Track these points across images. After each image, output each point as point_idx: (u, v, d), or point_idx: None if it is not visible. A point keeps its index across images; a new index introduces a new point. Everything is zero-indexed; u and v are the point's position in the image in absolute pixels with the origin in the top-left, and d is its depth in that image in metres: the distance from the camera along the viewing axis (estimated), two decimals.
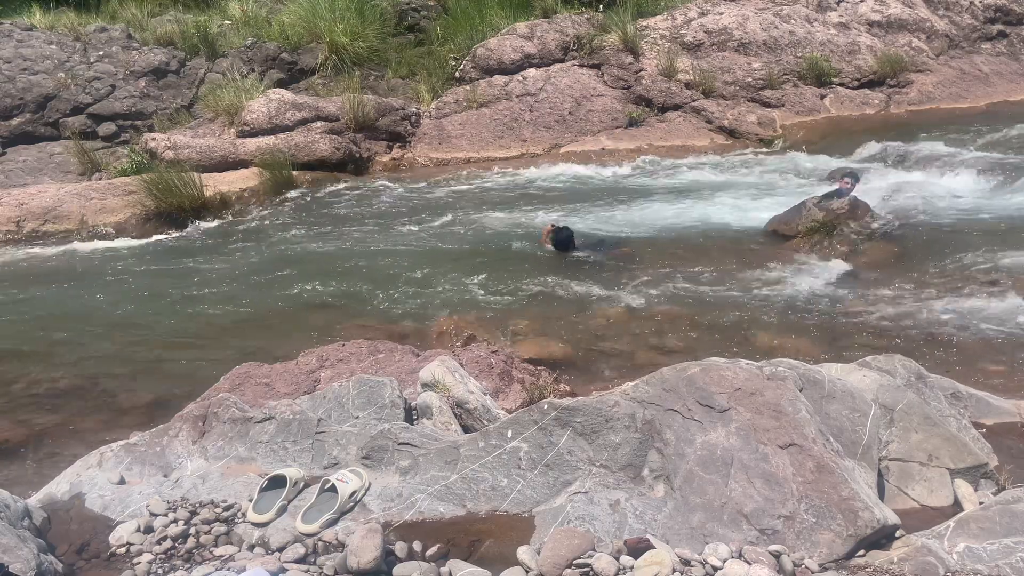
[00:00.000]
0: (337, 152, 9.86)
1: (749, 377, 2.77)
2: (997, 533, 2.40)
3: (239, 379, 4.13)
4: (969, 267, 5.98)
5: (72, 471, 3.09)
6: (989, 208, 7.33)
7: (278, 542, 2.56)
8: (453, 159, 10.38)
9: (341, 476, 2.71)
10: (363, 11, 12.03)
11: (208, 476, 2.93)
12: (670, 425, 2.69)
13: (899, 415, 3.00)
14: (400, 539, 2.50)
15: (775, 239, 6.92)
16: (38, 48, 10.78)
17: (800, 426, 2.60)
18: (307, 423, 3.10)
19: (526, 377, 4.26)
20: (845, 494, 2.42)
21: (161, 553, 2.55)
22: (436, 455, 2.82)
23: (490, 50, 11.80)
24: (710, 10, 12.81)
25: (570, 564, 2.30)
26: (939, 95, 12.17)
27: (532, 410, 2.86)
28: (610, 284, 6.07)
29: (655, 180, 9.24)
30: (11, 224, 7.95)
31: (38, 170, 9.69)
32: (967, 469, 2.88)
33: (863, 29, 13.10)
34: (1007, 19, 14.15)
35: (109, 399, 4.60)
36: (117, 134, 10.52)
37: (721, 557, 2.32)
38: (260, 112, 10.01)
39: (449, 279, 6.31)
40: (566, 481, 2.67)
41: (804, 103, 11.51)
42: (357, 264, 6.77)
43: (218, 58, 11.51)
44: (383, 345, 4.50)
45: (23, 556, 2.29)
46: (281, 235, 7.83)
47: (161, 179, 8.27)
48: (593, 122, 10.94)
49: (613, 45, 11.92)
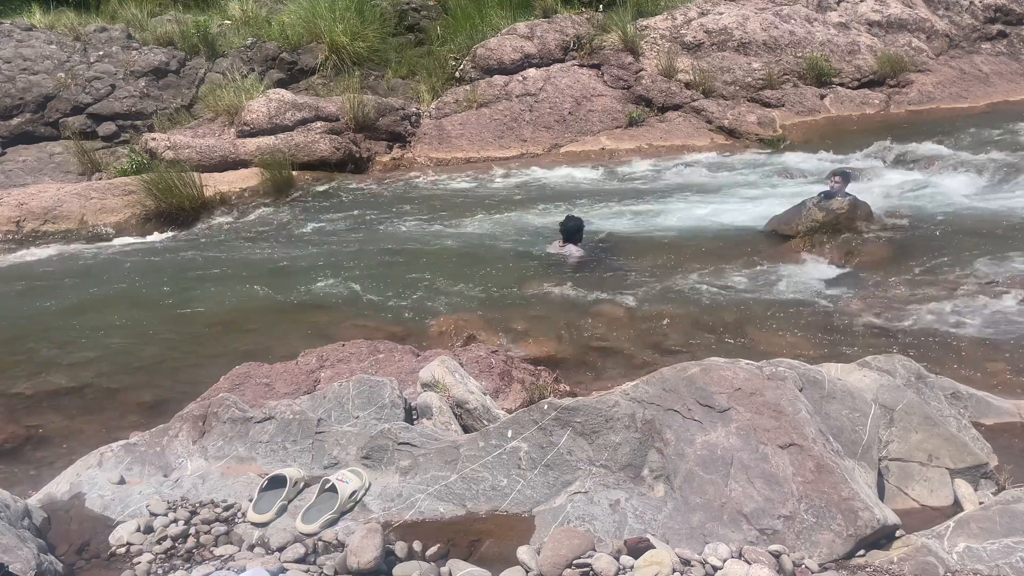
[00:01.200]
0: (337, 152, 9.86)
1: (749, 377, 2.77)
2: (997, 533, 2.40)
3: (239, 379, 4.13)
4: (969, 267, 5.98)
5: (72, 471, 3.09)
6: (989, 208, 7.33)
7: (278, 542, 2.56)
8: (453, 159, 10.38)
9: (341, 476, 2.71)
10: (363, 11, 12.03)
11: (208, 476, 2.93)
12: (670, 425, 2.69)
13: (899, 415, 3.00)
14: (400, 539, 2.50)
15: (775, 239, 6.92)
16: (38, 48, 10.78)
17: (800, 426, 2.60)
18: (307, 423, 3.10)
19: (526, 377, 4.26)
20: (845, 494, 2.42)
21: (161, 553, 2.55)
22: (436, 455, 2.82)
23: (490, 50, 11.80)
24: (710, 10, 12.81)
25: (570, 564, 2.30)
26: (939, 95, 12.17)
27: (532, 410, 2.86)
28: (610, 284, 6.07)
29: (655, 180, 9.24)
30: (11, 224, 7.95)
31: (38, 170, 9.70)
32: (967, 469, 2.88)
33: (863, 29, 13.11)
34: (1007, 19, 14.16)
35: (109, 399, 4.59)
36: (117, 134, 10.52)
37: (721, 557, 2.32)
38: (260, 112, 10.01)
39: (449, 279, 6.30)
40: (566, 481, 2.67)
41: (804, 103, 11.51)
42: (357, 264, 6.77)
43: (218, 58, 11.52)
44: (383, 345, 4.50)
45: (23, 556, 2.29)
46: (281, 235, 7.83)
47: (161, 179, 8.27)
48: (593, 122, 10.94)
49: (613, 45, 11.92)
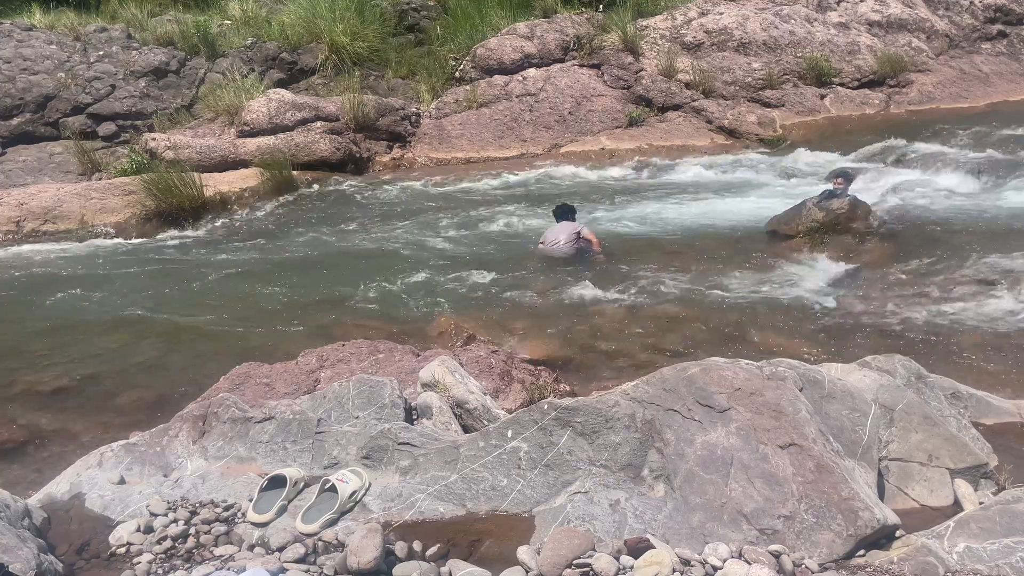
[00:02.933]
0: (337, 152, 9.86)
1: (749, 377, 2.77)
2: (997, 533, 2.40)
3: (239, 379, 4.13)
4: (969, 267, 5.98)
5: (72, 471, 3.08)
6: (989, 208, 7.33)
7: (278, 542, 2.56)
8: (453, 159, 10.38)
9: (341, 476, 2.71)
10: (363, 11, 12.03)
11: (208, 476, 2.93)
12: (670, 425, 2.69)
13: (899, 415, 3.00)
14: (400, 539, 2.50)
15: (775, 239, 6.92)
16: (38, 48, 10.78)
17: (800, 426, 2.60)
18: (307, 423, 3.10)
19: (526, 377, 4.26)
20: (845, 494, 2.42)
21: (161, 553, 2.55)
22: (436, 455, 2.82)
23: (490, 50, 11.80)
24: (710, 10, 12.81)
25: (570, 564, 2.30)
26: (939, 95, 12.18)
27: (532, 410, 2.86)
28: (610, 284, 6.07)
29: (655, 180, 9.24)
30: (11, 224, 7.95)
31: (38, 170, 9.70)
32: (967, 469, 2.88)
33: (863, 29, 13.11)
34: (1007, 19, 14.16)
35: (109, 399, 4.60)
36: (117, 134, 10.52)
37: (721, 557, 2.32)
38: (260, 112, 10.01)
39: (449, 279, 6.30)
40: (566, 481, 2.67)
41: (804, 103, 11.51)
42: (357, 264, 6.77)
43: (218, 58, 11.52)
44: (383, 345, 4.50)
45: (23, 556, 2.29)
46: (281, 235, 7.83)
47: (161, 179, 8.27)
48: (593, 122, 10.94)
49: (613, 45, 11.92)
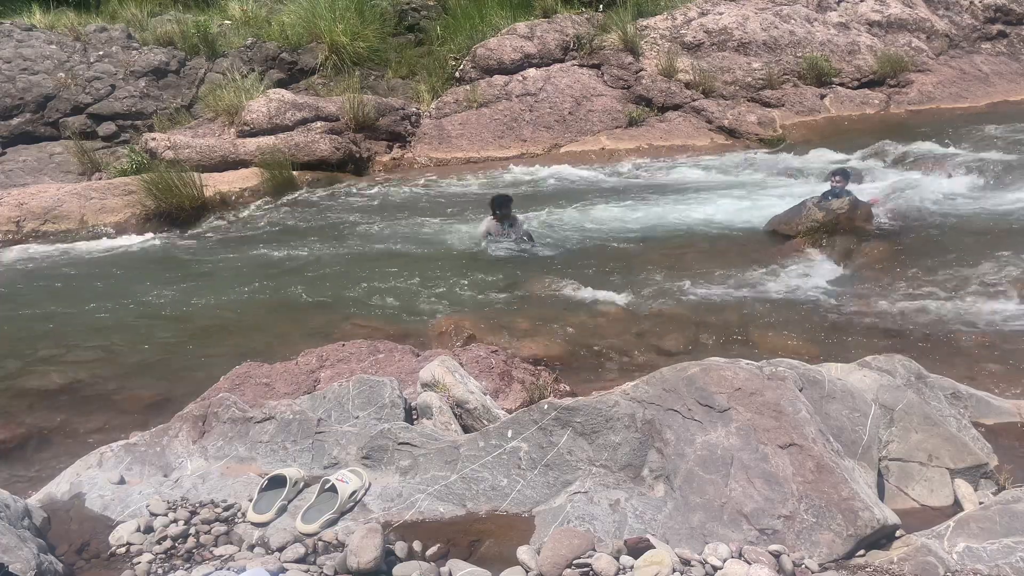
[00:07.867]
0: (337, 152, 9.86)
1: (749, 377, 2.77)
2: (997, 533, 2.40)
3: (239, 379, 4.13)
4: (969, 267, 5.98)
5: (72, 471, 3.08)
6: (989, 208, 7.33)
7: (278, 542, 2.56)
8: (453, 159, 10.38)
9: (341, 476, 2.71)
10: (363, 11, 12.03)
11: (208, 476, 2.93)
12: (670, 425, 2.69)
13: (899, 415, 3.00)
14: (400, 539, 2.50)
15: (775, 239, 6.92)
16: (38, 48, 10.78)
17: (800, 426, 2.60)
18: (307, 423, 3.10)
19: (526, 377, 4.25)
20: (845, 494, 2.42)
21: (161, 553, 2.55)
22: (436, 455, 2.82)
23: (490, 50, 11.80)
24: (710, 10, 12.81)
25: (570, 564, 2.29)
26: (939, 95, 12.18)
27: (532, 410, 2.86)
28: (610, 284, 6.07)
29: (655, 180, 9.24)
30: (11, 224, 7.94)
31: (38, 170, 9.69)
32: (967, 469, 2.88)
33: (863, 29, 13.10)
34: (1007, 19, 14.16)
35: (109, 399, 4.59)
36: (117, 134, 10.52)
37: (721, 557, 2.32)
38: (260, 112, 10.01)
39: (449, 279, 6.30)
40: (566, 481, 2.67)
41: (804, 103, 11.51)
42: (357, 264, 6.76)
43: (218, 58, 11.51)
44: (383, 345, 4.49)
45: (23, 556, 2.29)
46: (281, 235, 7.83)
47: (161, 179, 8.27)
48: (593, 122, 10.94)
49: (613, 45, 11.92)
